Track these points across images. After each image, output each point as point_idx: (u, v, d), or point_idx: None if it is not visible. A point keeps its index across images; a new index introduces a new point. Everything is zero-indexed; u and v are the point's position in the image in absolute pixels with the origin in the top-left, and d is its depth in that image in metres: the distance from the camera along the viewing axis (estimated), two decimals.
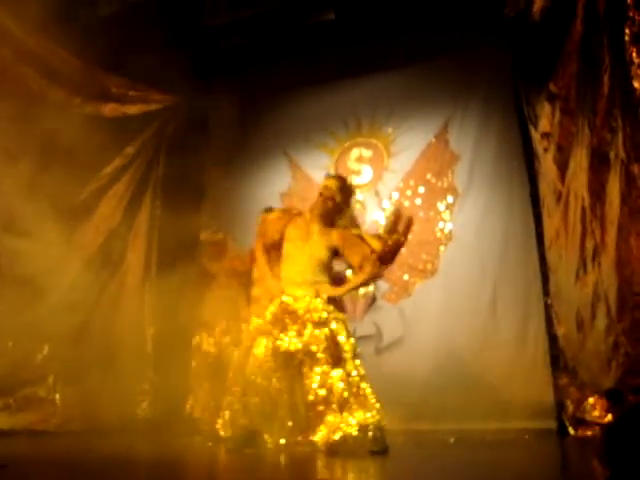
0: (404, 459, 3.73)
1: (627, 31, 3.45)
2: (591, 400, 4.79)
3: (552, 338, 5.53)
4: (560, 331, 5.24)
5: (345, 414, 3.88)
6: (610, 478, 1.50)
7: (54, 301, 6.26)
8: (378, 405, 3.97)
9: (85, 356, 6.39)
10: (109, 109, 6.66)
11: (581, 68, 4.24)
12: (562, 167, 4.83)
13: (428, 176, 6.88)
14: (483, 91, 6.81)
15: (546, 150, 5.19)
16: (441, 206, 6.74)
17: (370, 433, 3.85)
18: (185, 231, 6.80)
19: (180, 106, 7.09)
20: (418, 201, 6.86)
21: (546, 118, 5.16)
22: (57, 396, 6.24)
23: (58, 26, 5.60)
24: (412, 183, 6.94)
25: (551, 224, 5.22)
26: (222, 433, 4.73)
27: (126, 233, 7.02)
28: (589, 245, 4.16)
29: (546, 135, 5.16)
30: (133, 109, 6.85)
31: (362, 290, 6.67)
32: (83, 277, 6.53)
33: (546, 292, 5.65)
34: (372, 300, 6.73)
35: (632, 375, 3.72)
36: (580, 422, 4.93)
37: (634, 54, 3.40)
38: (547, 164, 5.24)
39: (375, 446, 3.82)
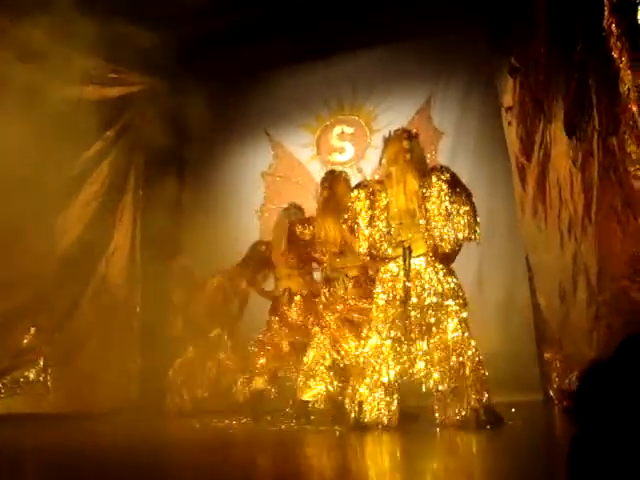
0: (390, 434, 3.76)
1: (606, 2, 3.42)
2: (575, 372, 4.81)
3: (537, 311, 5.56)
4: (543, 304, 5.26)
5: None
6: (577, 436, 1.51)
7: (42, 283, 6.28)
8: None
9: (75, 337, 6.41)
10: (89, 92, 6.61)
11: (547, 41, 4.22)
12: (524, 141, 4.86)
13: None
14: (464, 67, 6.82)
15: (510, 124, 5.20)
16: None
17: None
18: (168, 212, 6.82)
19: (160, 88, 7.05)
20: None
21: (509, 92, 5.17)
22: (48, 378, 6.24)
23: (35, 8, 5.53)
24: None
25: (517, 196, 5.31)
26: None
27: (111, 215, 7.04)
28: (565, 217, 4.17)
29: (509, 109, 5.17)
30: (113, 92, 6.83)
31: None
32: (71, 259, 6.55)
33: (530, 266, 5.68)
34: None
35: (613, 346, 3.71)
36: (566, 394, 4.97)
37: (613, 25, 3.38)
38: (511, 138, 5.26)
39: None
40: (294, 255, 5.32)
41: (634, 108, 3.05)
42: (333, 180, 4.96)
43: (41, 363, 6.22)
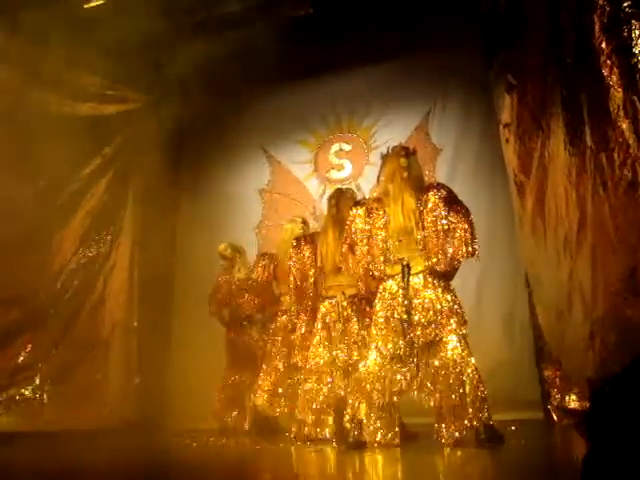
0: (389, 453, 3.73)
1: (596, 20, 3.44)
2: (575, 389, 4.79)
3: (537, 329, 5.53)
4: (542, 321, 5.24)
5: None
6: (589, 454, 1.49)
7: (39, 300, 6.32)
8: None
9: (71, 355, 6.40)
10: (86, 109, 6.67)
11: (543, 58, 4.24)
12: (523, 157, 4.84)
13: None
14: (462, 83, 6.83)
15: (507, 141, 5.20)
16: None
17: None
18: (166, 229, 6.83)
19: (157, 105, 7.08)
20: None
21: (506, 109, 5.17)
22: (44, 396, 6.23)
23: (35, 24, 5.58)
24: None
25: (516, 213, 5.31)
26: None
27: (109, 232, 7.05)
28: (561, 234, 4.16)
29: (507, 126, 5.17)
30: (110, 109, 6.88)
31: None
32: (68, 275, 6.57)
33: (529, 283, 5.65)
34: None
35: (609, 363, 3.70)
36: (566, 412, 4.94)
37: (603, 44, 3.39)
38: (509, 155, 5.25)
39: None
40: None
41: (624, 125, 3.05)
42: (340, 197, 4.98)
43: (37, 380, 6.21)
